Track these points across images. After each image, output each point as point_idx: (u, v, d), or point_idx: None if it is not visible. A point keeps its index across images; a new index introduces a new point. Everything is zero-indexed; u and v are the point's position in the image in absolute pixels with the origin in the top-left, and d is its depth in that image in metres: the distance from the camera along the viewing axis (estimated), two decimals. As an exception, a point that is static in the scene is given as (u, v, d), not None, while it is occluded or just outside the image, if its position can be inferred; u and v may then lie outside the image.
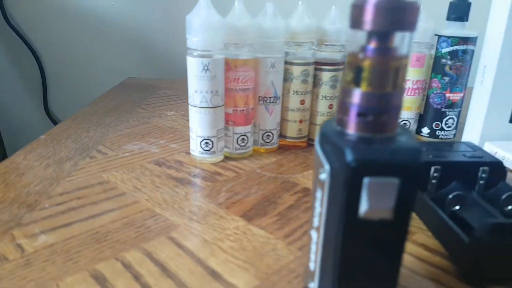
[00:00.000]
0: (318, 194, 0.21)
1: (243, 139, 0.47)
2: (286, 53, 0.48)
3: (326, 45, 0.49)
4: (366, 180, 0.19)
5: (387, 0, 0.18)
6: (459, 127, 0.56)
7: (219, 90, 0.44)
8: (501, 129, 0.53)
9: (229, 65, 0.44)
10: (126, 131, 0.57)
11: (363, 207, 0.19)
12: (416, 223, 0.35)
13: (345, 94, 0.20)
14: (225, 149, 0.48)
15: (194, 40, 0.42)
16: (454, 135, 0.56)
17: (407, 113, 0.55)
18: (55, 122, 1.09)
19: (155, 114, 0.65)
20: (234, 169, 0.45)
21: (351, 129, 0.20)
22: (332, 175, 0.20)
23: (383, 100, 0.19)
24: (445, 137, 0.56)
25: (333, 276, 0.21)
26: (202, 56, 0.42)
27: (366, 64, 0.19)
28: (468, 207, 0.33)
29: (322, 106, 0.51)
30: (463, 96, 0.54)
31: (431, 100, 0.55)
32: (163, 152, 0.49)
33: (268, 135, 0.50)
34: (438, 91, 0.54)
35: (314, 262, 0.23)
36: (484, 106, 0.52)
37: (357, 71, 0.19)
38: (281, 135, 0.52)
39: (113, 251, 0.30)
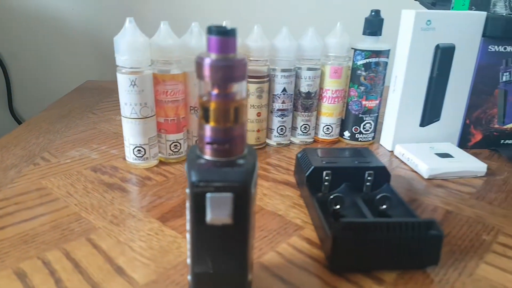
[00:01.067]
0: (187, 204, 0.26)
1: (175, 145, 0.52)
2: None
3: (251, 60, 0.54)
4: (208, 196, 0.23)
5: (218, 60, 0.23)
6: (378, 130, 0.62)
7: (148, 102, 0.48)
8: (412, 132, 0.59)
9: (158, 79, 0.48)
10: (72, 137, 0.61)
11: (208, 216, 0.24)
12: (307, 220, 0.40)
13: (199, 127, 0.25)
14: (160, 155, 0.52)
15: (122, 58, 0.46)
16: (373, 137, 0.62)
17: (329, 119, 0.60)
18: (19, 122, 1.12)
19: (104, 119, 0.69)
20: (165, 174, 0.50)
21: (205, 154, 0.25)
22: (189, 190, 0.24)
23: (226, 133, 0.24)
24: (364, 139, 0.61)
25: (191, 269, 0.26)
26: (130, 73, 0.46)
27: (211, 105, 0.24)
28: (347, 206, 0.39)
29: (251, 114, 0.56)
30: (379, 103, 0.60)
31: (350, 107, 0.60)
32: (102, 158, 0.54)
33: (199, 141, 0.54)
34: (356, 99, 0.59)
35: (189, 258, 0.28)
36: (395, 112, 0.58)
37: (205, 110, 0.24)
38: (214, 141, 0.57)
39: (37, 251, 0.35)
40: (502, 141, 0.60)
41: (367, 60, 0.57)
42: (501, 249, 0.36)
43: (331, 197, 0.39)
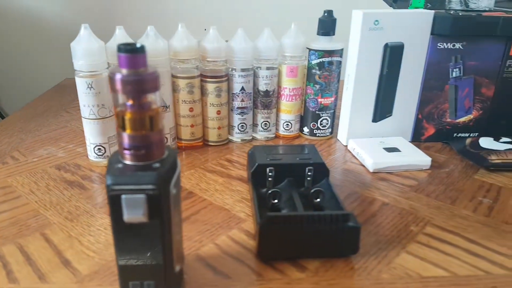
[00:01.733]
0: (114, 203, 0.29)
1: (135, 144, 0.54)
2: (173, 68, 0.55)
3: (209, 61, 0.56)
4: (123, 197, 0.26)
5: (128, 75, 0.25)
6: (336, 125, 0.64)
7: (105, 103, 0.50)
8: (365, 127, 0.61)
9: (115, 82, 0.51)
10: (43, 136, 0.63)
11: (124, 215, 0.26)
12: (251, 213, 0.43)
13: (117, 134, 0.27)
14: (121, 153, 0.55)
15: (78, 63, 0.48)
16: (331, 133, 0.64)
17: (288, 116, 0.63)
18: (2, 116, 1.14)
19: (76, 117, 0.71)
20: (125, 171, 0.52)
21: (124, 159, 0.27)
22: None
23: (141, 139, 0.27)
24: (322, 135, 0.64)
25: (116, 262, 0.29)
26: (86, 76, 0.48)
27: (126, 115, 0.26)
28: (285, 201, 0.42)
29: (211, 112, 0.59)
30: (334, 100, 0.62)
31: (307, 104, 0.63)
32: (67, 156, 0.56)
33: (161, 139, 0.57)
34: (312, 97, 0.62)
35: (120, 252, 0.31)
36: (349, 109, 0.60)
37: (122, 119, 0.27)
38: (178, 138, 0.59)
39: (-6, 246, 0.37)
40: (455, 134, 0.63)
41: (321, 60, 0.59)
42: (425, 239, 0.39)
43: (269, 192, 0.41)
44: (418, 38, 0.57)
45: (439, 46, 0.57)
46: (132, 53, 0.25)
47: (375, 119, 0.61)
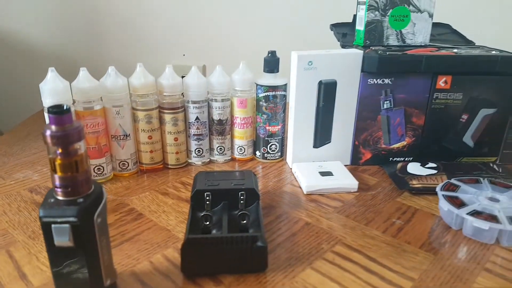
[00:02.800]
0: (53, 229, 0.35)
1: (99, 168, 0.61)
2: (133, 102, 0.61)
3: (165, 95, 0.62)
4: (52, 226, 0.32)
5: (56, 131, 0.31)
6: (285, 150, 0.70)
7: (71, 135, 0.56)
8: (308, 152, 0.67)
9: (79, 115, 0.57)
10: (23, 159, 0.70)
11: (55, 240, 0.33)
12: (187, 234, 0.49)
13: (51, 176, 0.33)
14: (87, 176, 0.61)
15: (46, 101, 0.54)
16: (280, 156, 0.71)
17: (241, 141, 0.69)
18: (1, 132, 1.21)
19: (55, 141, 0.78)
20: (89, 193, 0.58)
21: (57, 195, 0.34)
22: (44, 221, 0.33)
23: (68, 180, 0.33)
24: (272, 158, 0.70)
25: (53, 278, 0.35)
26: (53, 112, 0.55)
27: (56, 161, 0.33)
28: (215, 222, 0.48)
29: (169, 139, 0.65)
30: (281, 127, 0.68)
31: (258, 131, 0.69)
32: (41, 179, 0.62)
33: (124, 164, 0.63)
34: (261, 125, 0.68)
35: (59, 269, 0.37)
36: (292, 136, 0.66)
37: (53, 164, 0.33)
38: (140, 162, 0.65)
39: (-36, 262, 0.44)
40: (390, 158, 0.68)
41: (266, 94, 0.65)
42: (331, 257, 0.45)
43: (202, 215, 0.47)
44: (350, 75, 0.63)
45: (370, 82, 0.63)
46: (59, 114, 0.31)
47: (315, 146, 0.67)
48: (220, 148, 0.69)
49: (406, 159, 0.68)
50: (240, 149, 0.70)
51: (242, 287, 0.40)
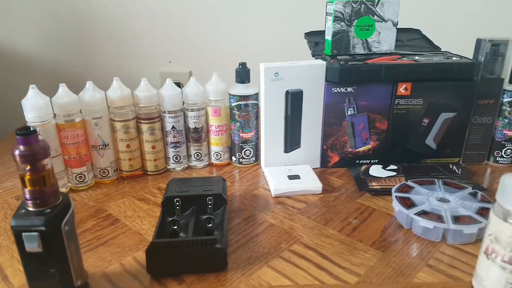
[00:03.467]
0: (26, 236, 0.39)
1: (80, 176, 0.64)
2: (111, 113, 0.65)
3: (141, 106, 0.66)
4: (23, 234, 0.36)
5: (24, 151, 0.35)
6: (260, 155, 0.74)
7: (52, 146, 0.60)
8: (279, 157, 0.71)
9: (60, 128, 0.61)
10: (12, 169, 0.74)
11: (26, 247, 0.36)
12: (158, 237, 0.53)
13: (22, 188, 0.37)
14: (69, 184, 0.65)
15: (28, 116, 0.58)
16: (255, 161, 0.74)
17: (217, 147, 0.73)
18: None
19: (43, 150, 0.82)
20: (71, 200, 0.62)
21: (27, 207, 0.37)
22: (16, 230, 0.37)
23: (37, 193, 0.37)
24: (247, 163, 0.74)
25: (26, 279, 0.38)
26: (35, 126, 0.59)
27: (26, 177, 0.36)
28: (183, 227, 0.51)
29: (147, 147, 0.69)
30: (254, 134, 0.72)
31: (232, 137, 0.73)
32: (27, 187, 0.66)
33: (104, 171, 0.67)
34: (235, 132, 0.71)
35: (34, 272, 0.41)
36: (264, 142, 0.70)
37: (23, 180, 0.37)
38: (120, 169, 0.69)
39: (-48, 266, 0.48)
40: (357, 161, 0.72)
41: (238, 103, 0.69)
42: (288, 255, 0.49)
43: (170, 220, 0.51)
44: (315, 85, 0.66)
45: (334, 91, 0.67)
46: (26, 135, 0.35)
47: (286, 151, 0.71)
48: (197, 155, 0.72)
49: (372, 161, 0.72)
50: (217, 154, 0.73)
51: (202, 285, 0.44)
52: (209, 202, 0.54)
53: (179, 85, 1.14)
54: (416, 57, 0.69)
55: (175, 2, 1.09)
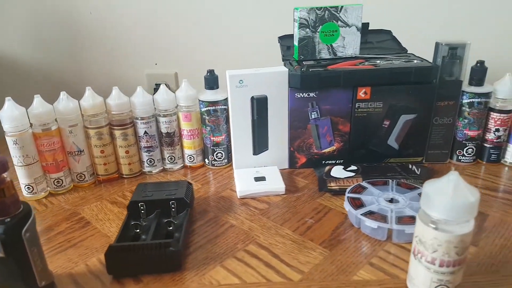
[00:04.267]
0: None
1: (58, 181, 0.68)
2: (85, 121, 0.69)
3: (114, 114, 0.70)
4: (-15, 241, 0.40)
5: (-20, 164, 0.39)
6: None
7: (29, 153, 0.64)
8: (250, 159, 0.74)
9: (36, 136, 0.65)
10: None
11: (-12, 253, 0.40)
12: (124, 239, 0.56)
13: (-16, 199, 0.41)
14: (48, 188, 0.69)
15: (5, 126, 0.62)
16: (227, 162, 0.77)
17: (190, 151, 0.76)
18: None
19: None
20: (47, 204, 0.66)
21: (-10, 215, 0.41)
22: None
23: (-3, 203, 0.40)
24: (220, 165, 0.77)
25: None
26: (12, 135, 0.62)
27: (-14, 187, 0.40)
28: (146, 229, 0.55)
29: (121, 152, 0.72)
30: (225, 137, 0.75)
31: (204, 141, 0.76)
32: (9, 192, 0.70)
33: (81, 176, 0.71)
34: (207, 135, 0.75)
35: None
36: (233, 145, 0.73)
37: (-16, 190, 0.40)
38: (96, 174, 0.73)
39: None
40: (323, 161, 0.75)
41: (207, 108, 0.72)
42: (241, 255, 0.52)
43: (132, 223, 0.55)
44: (279, 91, 0.69)
45: (297, 96, 0.69)
46: (-17, 152, 0.39)
47: (255, 153, 0.74)
48: (171, 158, 0.76)
49: (337, 161, 0.75)
50: (190, 157, 0.77)
51: (158, 285, 0.48)
52: (172, 206, 0.58)
53: (167, 86, 1.18)
54: (378, 61, 0.72)
55: (158, 6, 1.12)
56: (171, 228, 0.55)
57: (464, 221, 0.39)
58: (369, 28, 0.80)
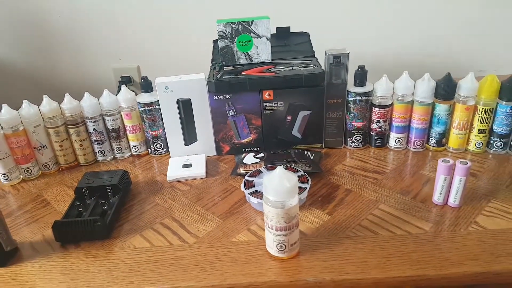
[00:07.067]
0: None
1: (27, 170, 0.85)
2: (45, 122, 0.85)
3: (67, 115, 0.85)
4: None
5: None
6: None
7: (2, 150, 0.81)
8: (183, 149, 0.90)
9: (7, 136, 0.81)
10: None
11: (-37, 229, 0.58)
12: (73, 215, 0.74)
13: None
14: (21, 176, 0.86)
15: (-21, 130, 0.78)
16: (166, 151, 0.94)
17: (134, 142, 0.92)
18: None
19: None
20: (19, 189, 0.83)
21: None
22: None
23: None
24: (159, 154, 0.93)
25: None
26: (-15, 137, 0.79)
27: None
28: (86, 209, 0.72)
29: (76, 145, 0.89)
30: (162, 131, 0.91)
31: (146, 134, 0.92)
32: (-11, 179, 0.87)
33: (46, 165, 0.87)
34: (147, 130, 0.91)
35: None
36: (168, 138, 0.89)
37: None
38: (58, 163, 0.90)
39: None
40: (244, 149, 0.91)
41: (144, 108, 0.88)
42: (157, 227, 0.69)
43: (76, 204, 0.72)
44: (201, 94, 0.85)
45: (216, 98, 0.85)
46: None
47: (186, 144, 0.90)
48: (119, 149, 0.92)
49: (254, 149, 0.91)
50: (135, 148, 0.93)
51: (91, 248, 0.65)
52: (109, 190, 0.75)
53: (129, 79, 1.32)
54: (282, 67, 0.87)
55: (116, 7, 1.25)
56: (105, 207, 0.72)
57: (287, 199, 0.55)
58: (291, 31, 0.95)
